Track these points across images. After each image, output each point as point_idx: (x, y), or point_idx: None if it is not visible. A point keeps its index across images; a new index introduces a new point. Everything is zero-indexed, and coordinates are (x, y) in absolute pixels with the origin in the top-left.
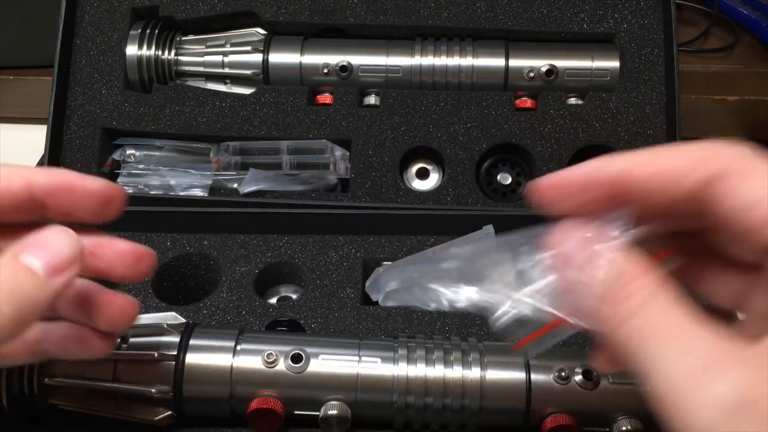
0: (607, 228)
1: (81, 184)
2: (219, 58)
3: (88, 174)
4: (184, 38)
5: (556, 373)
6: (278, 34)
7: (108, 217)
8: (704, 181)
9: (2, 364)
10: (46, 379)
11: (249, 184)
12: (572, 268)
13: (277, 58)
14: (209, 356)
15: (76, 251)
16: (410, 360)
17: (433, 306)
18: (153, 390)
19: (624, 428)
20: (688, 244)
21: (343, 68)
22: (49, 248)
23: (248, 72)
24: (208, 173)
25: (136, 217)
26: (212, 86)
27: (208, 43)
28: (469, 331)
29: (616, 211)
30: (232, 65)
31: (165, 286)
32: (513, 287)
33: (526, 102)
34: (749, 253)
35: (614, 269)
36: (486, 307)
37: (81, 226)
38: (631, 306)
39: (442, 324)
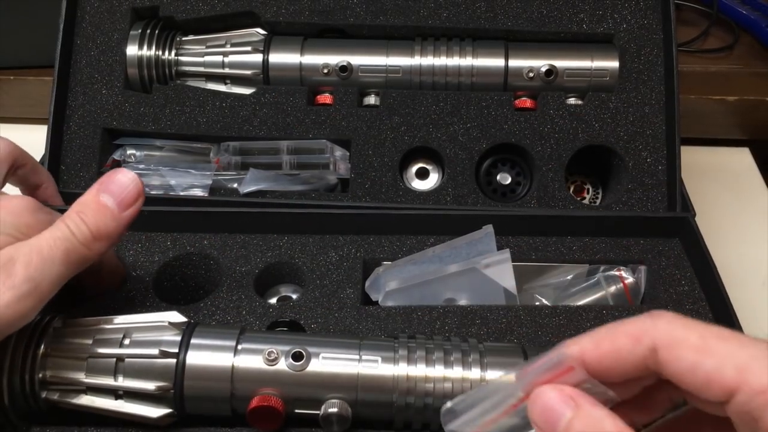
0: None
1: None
2: (219, 58)
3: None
4: (184, 38)
5: None
6: (278, 35)
7: None
8: (644, 355)
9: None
10: (49, 376)
11: (249, 184)
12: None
13: (277, 58)
14: (210, 354)
15: (139, 189)
16: (410, 360)
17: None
18: (154, 387)
19: None
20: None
21: (343, 68)
22: (119, 188)
23: (248, 72)
24: (208, 173)
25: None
26: (212, 86)
27: (208, 44)
28: (469, 332)
29: (577, 371)
30: (232, 65)
31: (165, 286)
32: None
33: (526, 102)
34: (707, 406)
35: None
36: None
37: None
38: None
39: (441, 324)
